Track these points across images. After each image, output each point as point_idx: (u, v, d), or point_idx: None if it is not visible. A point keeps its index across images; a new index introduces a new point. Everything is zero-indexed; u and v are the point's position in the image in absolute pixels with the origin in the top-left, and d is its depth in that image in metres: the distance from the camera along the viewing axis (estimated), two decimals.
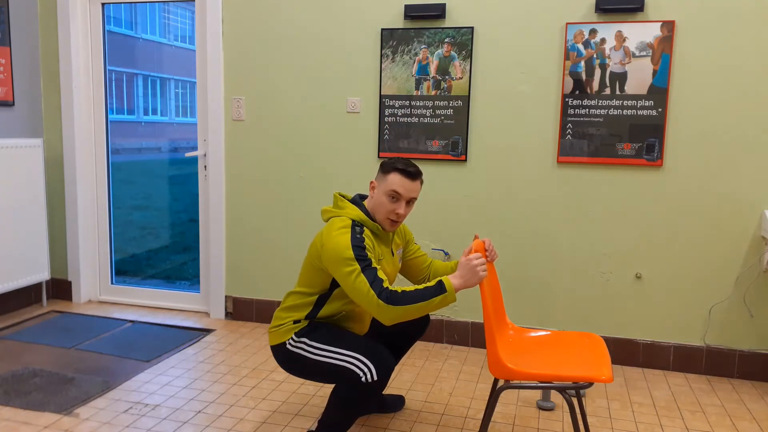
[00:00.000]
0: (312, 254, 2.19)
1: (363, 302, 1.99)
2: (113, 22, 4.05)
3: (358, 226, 2.14)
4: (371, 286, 1.97)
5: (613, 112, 3.07)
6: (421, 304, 1.95)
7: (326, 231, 2.13)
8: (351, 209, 2.19)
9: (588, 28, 3.06)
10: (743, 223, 3.00)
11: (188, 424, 2.47)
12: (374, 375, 2.02)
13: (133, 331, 3.53)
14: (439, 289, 1.97)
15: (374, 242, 2.16)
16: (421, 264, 2.45)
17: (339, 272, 2.04)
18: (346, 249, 2.03)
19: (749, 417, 2.66)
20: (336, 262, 2.04)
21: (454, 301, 2.19)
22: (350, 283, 2.01)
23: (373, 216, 2.21)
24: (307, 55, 3.47)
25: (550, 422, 2.57)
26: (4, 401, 2.61)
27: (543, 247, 3.26)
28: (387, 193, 2.16)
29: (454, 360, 3.23)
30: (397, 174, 2.16)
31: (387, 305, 1.95)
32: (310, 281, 2.21)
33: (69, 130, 3.91)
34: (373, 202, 2.21)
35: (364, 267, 2.01)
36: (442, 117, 3.30)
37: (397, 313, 1.96)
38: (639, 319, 3.18)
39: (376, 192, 2.21)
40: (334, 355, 2.09)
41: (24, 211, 3.71)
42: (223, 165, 3.69)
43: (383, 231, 2.22)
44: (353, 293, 2.01)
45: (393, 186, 2.15)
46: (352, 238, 2.06)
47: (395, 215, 2.17)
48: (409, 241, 2.45)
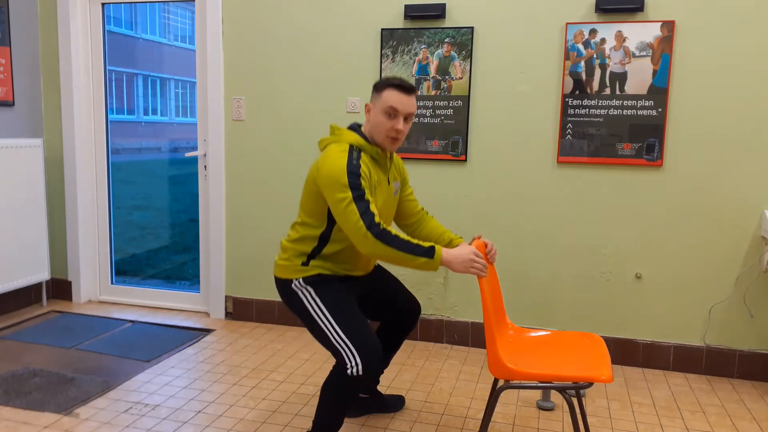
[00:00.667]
0: (309, 180, 2.16)
1: (350, 231, 1.99)
2: (113, 22, 4.05)
3: (356, 151, 2.11)
4: (361, 217, 1.97)
5: (613, 112, 3.07)
6: (405, 254, 1.97)
7: (323, 155, 2.12)
8: (348, 134, 2.16)
9: (588, 28, 3.06)
10: (743, 223, 3.00)
11: (188, 424, 2.47)
12: (360, 370, 2.02)
13: (133, 331, 3.53)
14: (428, 252, 1.98)
15: (371, 169, 2.12)
16: (412, 209, 2.41)
17: (332, 197, 2.02)
18: (341, 174, 2.01)
19: (749, 417, 2.66)
20: (330, 186, 2.02)
21: (435, 271, 2.19)
22: (341, 210, 2.00)
23: (371, 139, 2.18)
24: (307, 55, 3.47)
25: (550, 422, 2.57)
26: (4, 401, 2.61)
27: (543, 247, 3.26)
28: (384, 111, 2.12)
29: (454, 360, 3.23)
30: (392, 90, 2.12)
31: (374, 239, 1.96)
32: (309, 208, 2.18)
33: (69, 130, 3.91)
34: (370, 124, 2.18)
35: (357, 196, 2.00)
36: (442, 117, 3.30)
37: (379, 250, 1.97)
38: (639, 319, 3.18)
39: (372, 113, 2.17)
40: (331, 328, 2.10)
41: (24, 211, 3.71)
42: (223, 165, 3.69)
43: (382, 155, 2.18)
44: (342, 221, 2.01)
45: (389, 102, 2.11)
46: (348, 164, 2.04)
47: (395, 132, 2.13)
48: (405, 180, 2.42)
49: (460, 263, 2.00)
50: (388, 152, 2.22)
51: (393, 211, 2.32)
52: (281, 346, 3.37)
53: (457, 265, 2.00)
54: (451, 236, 2.34)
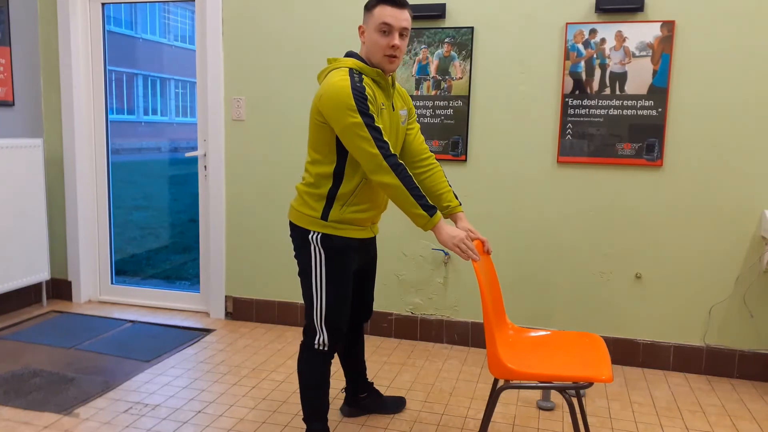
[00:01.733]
0: (313, 111, 2.08)
1: (363, 158, 1.96)
2: (113, 22, 4.05)
3: (357, 74, 2.04)
4: (377, 145, 1.94)
5: (613, 112, 3.07)
6: (410, 197, 1.97)
7: (325, 82, 2.05)
8: (346, 60, 2.09)
9: (588, 28, 3.06)
10: (743, 223, 3.00)
11: (188, 424, 2.47)
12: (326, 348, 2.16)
13: (133, 331, 3.53)
14: (429, 209, 1.99)
15: (375, 91, 2.06)
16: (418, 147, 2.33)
17: (340, 122, 1.96)
18: (347, 96, 1.95)
19: (749, 417, 2.66)
20: (337, 109, 1.95)
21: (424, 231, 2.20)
22: (353, 135, 1.95)
23: (369, 62, 2.11)
24: (307, 55, 3.47)
25: (550, 422, 2.57)
26: (4, 401, 2.61)
27: (543, 247, 3.26)
28: (377, 29, 2.04)
29: (454, 360, 3.23)
30: (384, 5, 2.04)
31: (388, 168, 1.95)
32: (317, 143, 2.10)
33: (69, 130, 3.91)
34: (366, 46, 2.10)
35: (368, 123, 1.95)
36: (442, 117, 3.30)
37: (390, 181, 1.96)
38: (639, 319, 3.18)
39: (366, 34, 2.10)
40: (319, 300, 2.14)
41: (24, 211, 3.71)
42: (223, 165, 3.69)
43: (384, 77, 2.11)
44: (355, 149, 1.97)
45: (382, 18, 2.03)
46: (352, 86, 1.97)
47: (391, 49, 2.05)
48: (411, 110, 2.34)
49: (447, 237, 2.00)
50: (389, 76, 2.15)
51: (400, 142, 2.27)
52: (281, 346, 3.37)
53: (444, 237, 2.01)
54: (450, 199, 2.29)
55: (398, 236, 3.45)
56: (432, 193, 2.31)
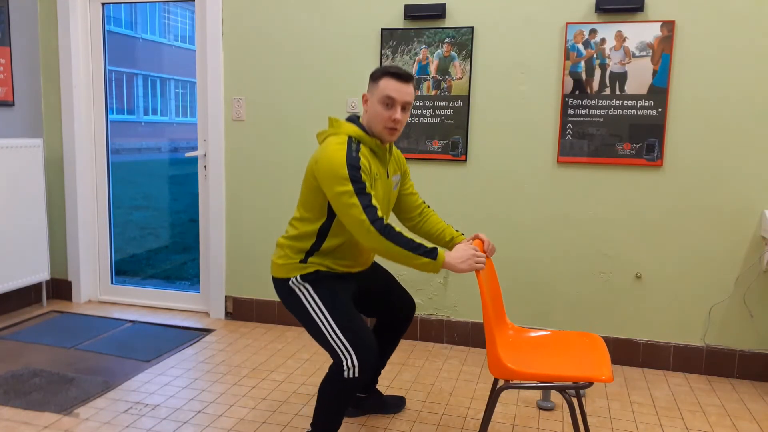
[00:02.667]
0: (308, 173, 2.13)
1: (352, 225, 1.98)
2: (113, 22, 4.05)
3: (355, 143, 2.08)
4: (364, 211, 1.95)
5: (613, 112, 3.07)
6: (407, 252, 1.96)
7: (321, 148, 2.08)
8: (347, 127, 2.13)
9: (588, 28, 3.06)
10: (743, 223, 3.00)
11: (188, 424, 2.47)
12: (356, 372, 2.03)
13: (133, 331, 3.53)
14: (430, 254, 1.97)
15: (371, 161, 2.10)
16: (413, 203, 2.38)
17: (332, 190, 2.00)
18: (340, 167, 1.98)
19: (749, 417, 2.66)
20: (330, 179, 1.99)
21: (436, 273, 2.17)
22: (342, 204, 1.98)
23: (370, 131, 2.15)
24: (307, 55, 3.47)
25: (550, 422, 2.57)
26: (4, 401, 2.61)
27: (543, 247, 3.26)
28: (381, 101, 2.09)
29: (454, 360, 3.23)
30: (389, 79, 2.08)
31: (377, 233, 1.95)
32: (308, 203, 2.15)
33: (69, 130, 3.91)
34: (368, 115, 2.14)
35: (358, 190, 1.97)
36: (442, 117, 3.30)
37: (382, 246, 1.96)
38: (639, 319, 3.18)
39: (369, 103, 2.14)
40: (329, 327, 2.09)
41: (24, 211, 3.71)
42: (223, 165, 3.69)
43: (381, 147, 2.15)
44: (344, 215, 1.99)
45: (386, 91, 2.08)
46: (347, 156, 2.01)
47: (392, 122, 2.10)
48: (406, 173, 2.38)
49: (463, 263, 2.00)
50: (387, 144, 2.19)
51: (392, 204, 2.30)
52: (281, 346, 3.37)
53: (461, 266, 2.00)
54: (452, 233, 2.32)
55: None
56: (432, 235, 2.34)
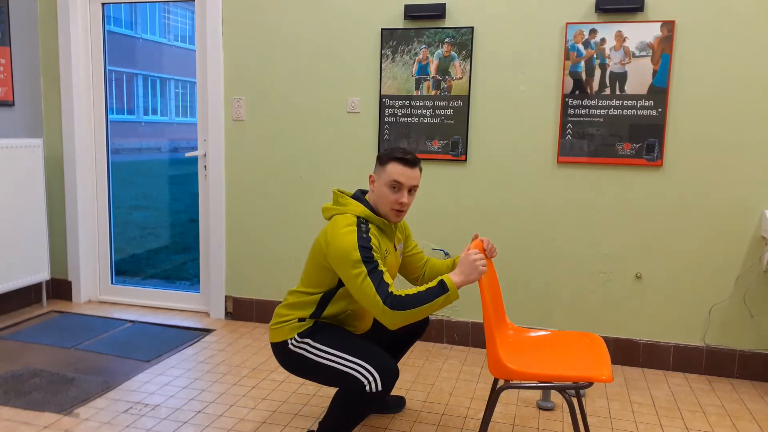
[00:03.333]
0: (317, 253, 2.16)
1: (368, 305, 1.99)
2: (113, 22, 4.05)
3: (364, 223, 2.12)
4: (377, 291, 1.96)
5: (613, 112, 3.07)
6: (425, 306, 1.95)
7: (331, 230, 2.10)
8: (354, 206, 2.17)
9: (588, 28, 3.06)
10: (743, 223, 3.00)
11: (188, 424, 2.47)
12: (379, 385, 2.00)
13: (133, 331, 3.53)
14: (441, 289, 1.97)
15: (380, 239, 2.13)
16: (418, 261, 2.45)
17: (346, 274, 2.02)
18: (353, 250, 2.01)
19: (749, 417, 2.66)
20: (343, 262, 2.02)
21: (457, 299, 2.19)
22: (357, 285, 2.00)
23: (376, 210, 2.19)
24: (307, 55, 3.47)
25: (550, 422, 2.57)
26: (4, 401, 2.61)
27: (543, 247, 3.26)
28: (388, 185, 2.14)
29: (454, 360, 3.23)
30: (396, 163, 2.13)
31: (392, 310, 1.94)
32: (316, 281, 2.18)
33: (69, 130, 3.91)
34: (375, 195, 2.19)
35: (371, 270, 1.99)
36: (442, 117, 3.30)
37: (401, 318, 1.96)
38: (639, 319, 3.18)
39: (376, 185, 2.18)
40: (339, 359, 2.08)
41: (24, 211, 3.71)
42: (223, 165, 3.69)
43: (388, 225, 2.20)
44: (359, 296, 2.01)
45: (393, 176, 2.13)
46: (358, 238, 2.03)
47: (399, 205, 2.15)
48: (408, 236, 2.44)
49: (471, 272, 2.00)
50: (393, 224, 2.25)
51: (398, 266, 2.35)
52: None
53: (470, 275, 2.00)
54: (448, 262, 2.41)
55: None
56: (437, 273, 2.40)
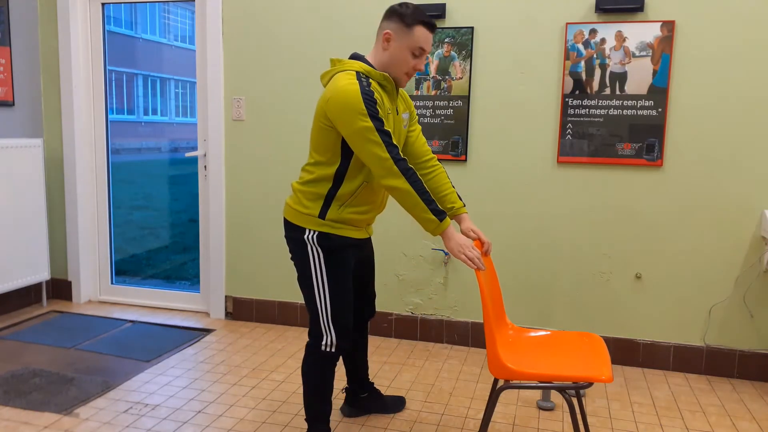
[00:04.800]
0: (318, 114, 2.04)
1: (373, 162, 1.94)
2: (113, 22, 4.05)
3: (365, 78, 2.01)
4: (387, 149, 1.92)
5: (613, 112, 3.07)
6: (419, 201, 1.96)
7: (331, 86, 1.99)
8: (353, 63, 2.06)
9: (588, 28, 3.06)
10: (743, 223, 3.00)
11: (188, 424, 2.47)
12: (333, 348, 2.14)
13: (133, 331, 3.53)
14: (439, 214, 1.98)
15: (382, 95, 2.03)
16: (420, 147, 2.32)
17: (350, 127, 1.93)
18: (357, 101, 1.91)
19: (749, 417, 2.66)
20: (347, 113, 1.92)
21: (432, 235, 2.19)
22: (363, 139, 1.92)
23: (381, 66, 2.09)
24: (307, 55, 3.47)
25: (550, 422, 2.57)
26: (4, 401, 2.61)
27: (543, 247, 3.26)
28: (411, 49, 2.03)
29: (454, 360, 3.23)
30: (424, 29, 2.03)
31: (399, 172, 1.93)
32: (320, 145, 2.07)
33: (69, 130, 3.91)
34: (387, 55, 2.06)
35: (378, 126, 1.92)
36: (442, 117, 3.30)
37: (401, 185, 1.94)
38: (639, 319, 3.18)
39: (393, 45, 2.05)
40: (322, 300, 2.12)
41: (24, 211, 3.71)
42: (223, 165, 3.69)
43: (390, 81, 2.08)
44: (364, 152, 1.94)
45: (420, 42, 2.02)
46: (361, 90, 1.93)
47: (414, 70, 2.08)
48: (413, 113, 2.31)
49: (456, 245, 2.00)
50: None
51: (402, 145, 2.25)
52: (281, 346, 3.37)
53: (452, 245, 2.01)
54: (453, 200, 2.29)
55: (398, 236, 3.45)
56: (436, 194, 2.30)
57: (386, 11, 2.10)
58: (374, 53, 2.12)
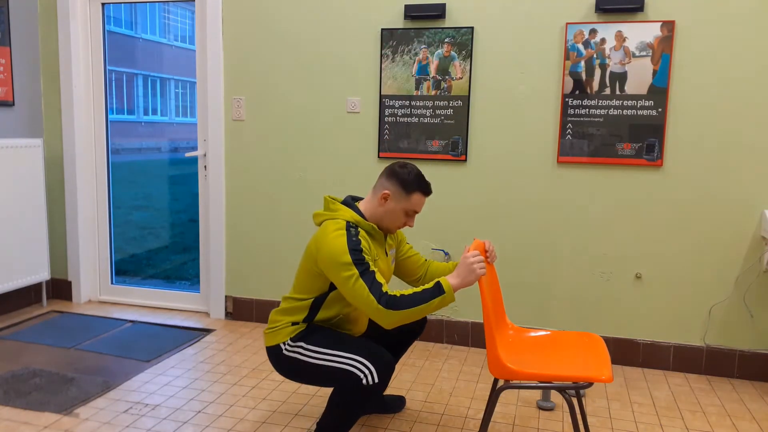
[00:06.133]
0: (308, 259, 2.17)
1: (362, 306, 1.99)
2: (113, 22, 4.05)
3: (353, 227, 2.12)
4: (370, 291, 1.96)
5: (613, 112, 3.07)
6: (420, 306, 1.96)
7: (321, 235, 2.12)
8: (344, 211, 2.17)
9: (588, 28, 3.06)
10: (743, 223, 3.00)
11: (188, 424, 2.47)
12: (375, 377, 2.00)
13: (133, 331, 3.53)
14: (437, 291, 1.97)
15: (370, 243, 2.14)
16: (415, 263, 2.43)
17: (337, 277, 2.03)
18: (343, 253, 2.01)
19: (749, 417, 2.66)
20: (333, 266, 2.02)
21: (453, 301, 2.20)
22: (349, 287, 2.00)
23: (371, 219, 2.21)
24: (307, 55, 3.47)
25: (550, 422, 2.57)
26: (4, 401, 2.61)
27: (543, 247, 3.26)
28: (406, 212, 2.19)
29: (454, 360, 3.23)
30: (421, 195, 2.19)
31: (387, 310, 1.95)
32: (307, 286, 2.18)
33: (69, 130, 3.91)
34: (382, 210, 2.19)
35: (363, 271, 2.00)
36: (442, 117, 3.30)
37: (396, 318, 1.96)
38: (639, 319, 3.18)
39: (390, 204, 2.18)
40: (332, 357, 2.08)
41: (24, 211, 3.71)
42: (223, 165, 3.69)
43: (378, 231, 2.20)
44: (353, 298, 2.01)
45: (415, 207, 2.19)
46: (348, 241, 2.04)
47: (404, 226, 2.23)
48: (402, 241, 2.44)
49: (467, 275, 2.00)
50: None
51: (391, 272, 2.35)
52: None
53: (467, 278, 2.00)
54: (449, 265, 2.39)
55: None
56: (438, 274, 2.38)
57: (387, 170, 2.21)
58: (369, 203, 2.23)
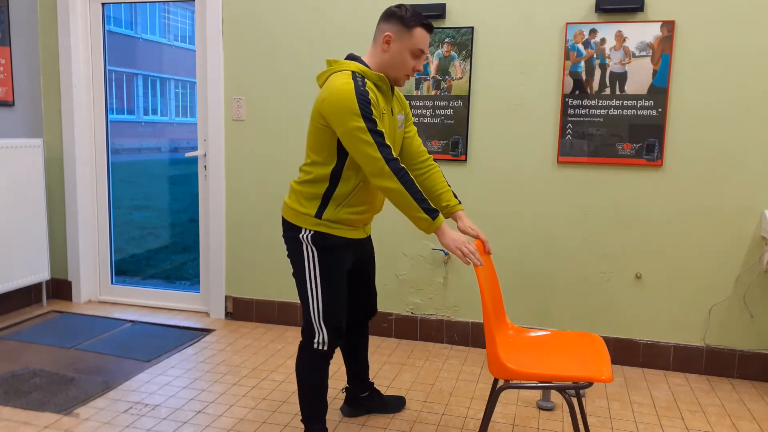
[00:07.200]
0: (314, 114, 2.05)
1: (366, 162, 1.95)
2: (113, 22, 4.05)
3: (360, 78, 2.02)
4: (378, 149, 1.93)
5: (613, 112, 3.07)
6: (412, 201, 1.96)
7: (326, 86, 2.01)
8: (349, 63, 2.07)
9: (588, 28, 3.06)
10: (743, 223, 3.00)
11: (188, 424, 2.47)
12: (325, 347, 2.14)
13: (133, 331, 3.53)
14: (432, 213, 1.99)
15: (377, 95, 2.04)
16: (416, 148, 2.32)
17: (343, 126, 1.94)
18: (350, 101, 1.93)
19: (749, 417, 2.66)
20: (340, 113, 1.94)
21: (427, 234, 2.21)
22: (355, 139, 1.94)
23: (377, 68, 2.10)
24: (307, 55, 3.47)
25: (550, 422, 2.57)
26: (4, 401, 2.61)
27: (543, 247, 3.26)
28: (411, 51, 2.06)
29: (454, 360, 3.23)
30: (424, 31, 2.06)
31: (390, 172, 1.94)
32: (316, 145, 2.08)
33: (69, 130, 3.91)
34: (387, 56, 2.08)
35: (371, 127, 1.94)
36: (442, 117, 3.30)
37: (392, 185, 1.95)
38: (639, 319, 3.18)
39: (394, 47, 2.06)
40: (315, 298, 2.13)
41: (24, 211, 3.71)
42: (223, 165, 3.69)
43: (385, 82, 2.10)
44: (357, 152, 1.96)
45: (419, 44, 2.05)
46: (356, 90, 1.95)
47: (413, 71, 2.11)
48: (408, 114, 2.33)
49: (450, 240, 2.01)
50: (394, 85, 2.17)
51: (398, 146, 2.25)
52: (281, 346, 3.37)
53: (446, 241, 2.01)
54: (449, 199, 2.29)
55: (398, 236, 3.45)
56: (431, 193, 2.31)
57: (384, 13, 2.11)
58: (372, 54, 2.13)
